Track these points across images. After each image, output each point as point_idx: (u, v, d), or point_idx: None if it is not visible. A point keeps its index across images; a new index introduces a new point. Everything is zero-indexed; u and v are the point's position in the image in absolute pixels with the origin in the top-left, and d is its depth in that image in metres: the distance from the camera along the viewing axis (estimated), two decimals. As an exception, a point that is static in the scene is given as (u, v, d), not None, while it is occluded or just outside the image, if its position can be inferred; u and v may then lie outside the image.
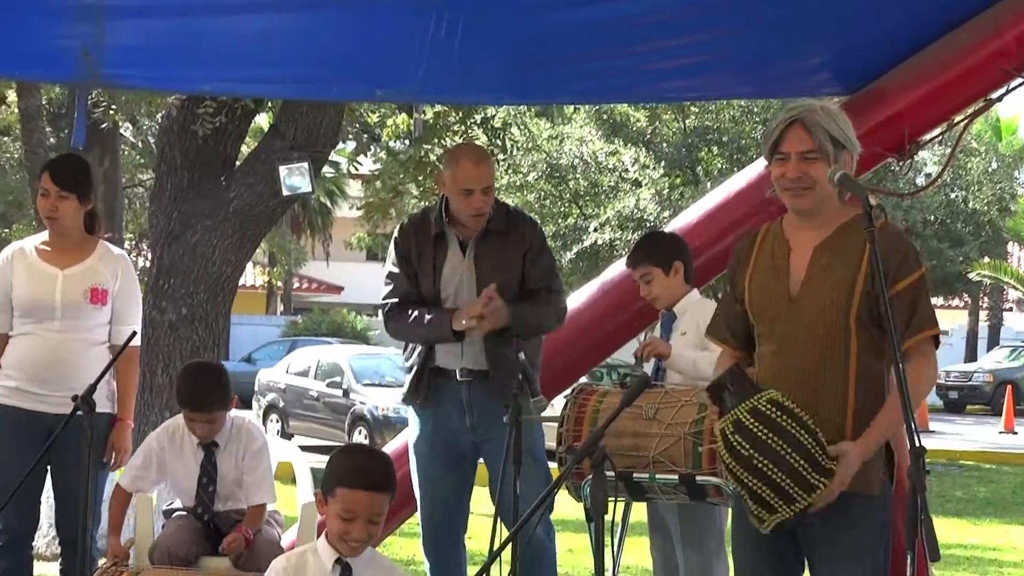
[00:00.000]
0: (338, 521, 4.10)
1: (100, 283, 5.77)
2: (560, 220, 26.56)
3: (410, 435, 5.90)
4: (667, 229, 6.85)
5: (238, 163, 9.27)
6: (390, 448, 6.93)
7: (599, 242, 25.24)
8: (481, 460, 5.79)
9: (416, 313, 5.63)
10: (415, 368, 5.69)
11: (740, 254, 4.37)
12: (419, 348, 5.67)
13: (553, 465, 5.38)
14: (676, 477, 4.94)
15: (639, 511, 6.06)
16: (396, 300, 5.70)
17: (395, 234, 5.87)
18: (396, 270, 5.75)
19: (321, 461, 4.31)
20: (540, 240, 5.78)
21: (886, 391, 4.11)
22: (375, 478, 4.12)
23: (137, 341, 5.68)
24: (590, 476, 4.00)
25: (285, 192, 8.40)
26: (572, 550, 9.67)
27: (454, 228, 5.69)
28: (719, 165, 25.36)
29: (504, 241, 5.67)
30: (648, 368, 5.77)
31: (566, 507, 5.91)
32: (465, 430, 5.69)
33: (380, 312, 5.80)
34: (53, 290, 5.72)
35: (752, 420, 3.94)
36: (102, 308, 5.76)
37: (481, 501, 5.71)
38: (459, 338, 5.54)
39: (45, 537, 8.49)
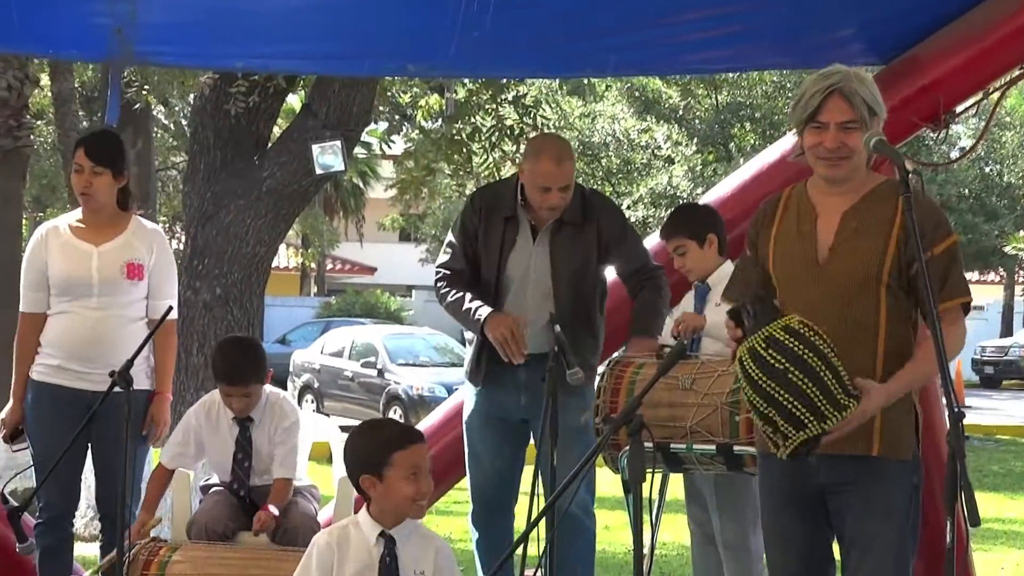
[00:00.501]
0: (406, 484, 4.16)
1: (136, 258, 5.76)
2: (593, 198, 26.54)
3: (464, 409, 5.92)
4: (701, 202, 6.82)
5: (271, 143, 9.28)
6: (425, 425, 6.94)
7: (632, 219, 25.17)
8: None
9: (455, 297, 5.64)
10: (476, 347, 5.70)
11: (763, 217, 4.32)
12: None
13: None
14: (713, 447, 4.92)
15: (676, 489, 6.05)
16: (448, 272, 5.72)
17: (466, 203, 5.84)
18: (456, 242, 5.74)
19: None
20: (619, 226, 5.74)
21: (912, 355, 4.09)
22: (415, 432, 4.39)
23: (174, 315, 5.71)
24: (627, 447, 4.00)
25: (318, 171, 8.39)
26: (608, 527, 9.66)
27: (527, 212, 5.65)
28: (752, 141, 25.28)
29: (579, 232, 5.62)
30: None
31: (602, 485, 5.91)
32: (519, 408, 5.70)
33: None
34: (89, 267, 5.71)
35: (767, 349, 3.89)
36: (139, 283, 5.75)
37: (527, 480, 5.70)
38: (483, 335, 5.55)
39: (84, 518, 8.54)
